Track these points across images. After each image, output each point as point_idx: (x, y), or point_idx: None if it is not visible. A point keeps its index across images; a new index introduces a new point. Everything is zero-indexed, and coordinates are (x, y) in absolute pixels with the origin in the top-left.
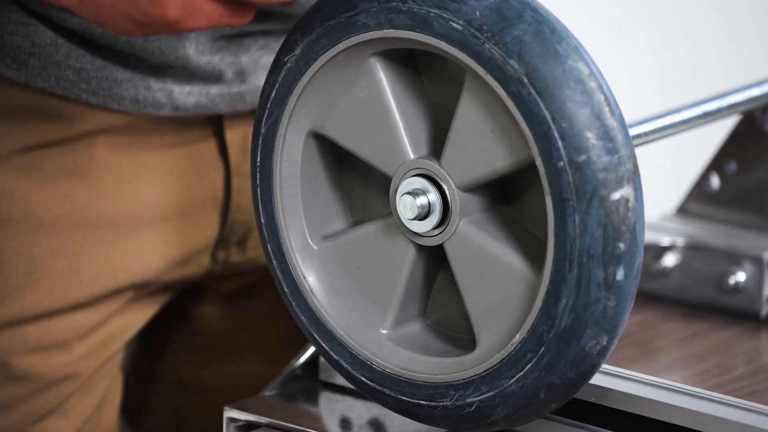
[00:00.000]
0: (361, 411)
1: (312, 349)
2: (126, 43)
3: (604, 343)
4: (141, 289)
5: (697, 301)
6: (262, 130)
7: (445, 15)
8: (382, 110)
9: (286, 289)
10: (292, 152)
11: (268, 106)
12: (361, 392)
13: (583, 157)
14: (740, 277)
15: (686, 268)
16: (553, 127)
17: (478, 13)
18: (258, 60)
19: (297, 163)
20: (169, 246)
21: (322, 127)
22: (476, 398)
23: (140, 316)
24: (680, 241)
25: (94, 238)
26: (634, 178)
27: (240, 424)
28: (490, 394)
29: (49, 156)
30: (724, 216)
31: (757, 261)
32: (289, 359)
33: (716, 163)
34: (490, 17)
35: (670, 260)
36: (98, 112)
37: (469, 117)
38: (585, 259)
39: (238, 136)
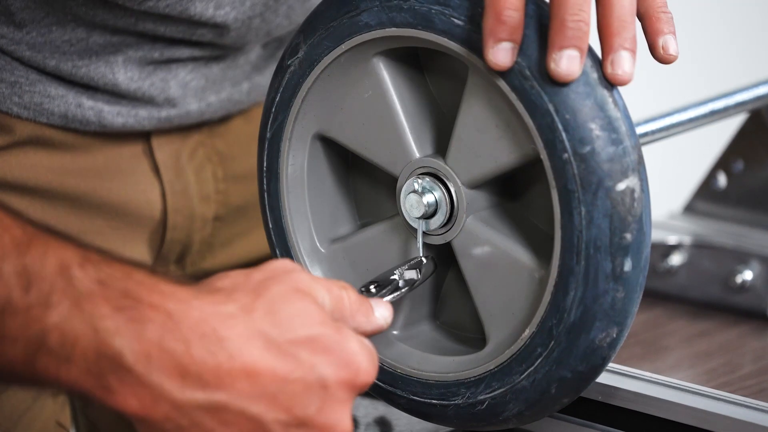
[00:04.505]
0: (368, 410)
1: None
2: (55, 67)
3: (614, 335)
4: None
5: (704, 299)
6: (268, 134)
7: (447, 11)
8: (386, 110)
9: None
10: (299, 155)
11: (273, 109)
12: (373, 394)
13: (587, 149)
14: (747, 275)
15: (693, 267)
16: (556, 119)
17: (480, 9)
18: (187, 84)
19: (303, 167)
20: None
21: (328, 130)
22: (488, 395)
23: None
24: (687, 240)
25: None
26: (639, 168)
27: None
28: (502, 390)
29: None
30: (731, 214)
31: (764, 260)
32: None
33: (723, 162)
34: None
35: (677, 259)
36: (29, 125)
37: (473, 113)
38: (592, 251)
39: (167, 155)
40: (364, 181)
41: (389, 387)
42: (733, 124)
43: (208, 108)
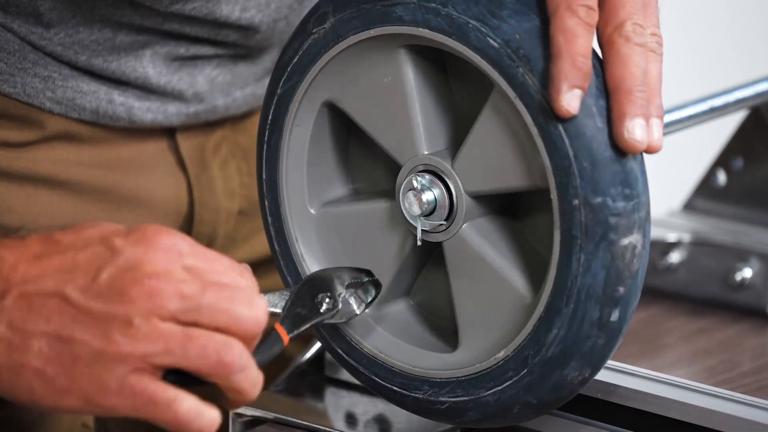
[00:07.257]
0: (367, 407)
1: (318, 345)
2: (86, 63)
3: (587, 375)
4: None
5: (703, 297)
6: (279, 91)
7: (484, 29)
8: (401, 100)
9: (276, 248)
10: (306, 117)
11: (289, 69)
12: (335, 361)
13: (599, 200)
14: (747, 273)
15: (693, 265)
16: (574, 164)
17: (517, 36)
18: (214, 79)
19: (308, 128)
20: None
21: (340, 100)
22: (450, 399)
23: None
24: (687, 237)
25: None
26: (645, 225)
27: (246, 419)
28: (465, 399)
29: (7, 158)
30: (731, 212)
31: (764, 257)
32: None
33: (723, 159)
34: (530, 42)
35: (676, 256)
36: (60, 120)
37: (490, 131)
38: (583, 298)
39: (192, 151)
40: (363, 150)
41: (353, 362)
42: (732, 122)
43: (233, 103)
